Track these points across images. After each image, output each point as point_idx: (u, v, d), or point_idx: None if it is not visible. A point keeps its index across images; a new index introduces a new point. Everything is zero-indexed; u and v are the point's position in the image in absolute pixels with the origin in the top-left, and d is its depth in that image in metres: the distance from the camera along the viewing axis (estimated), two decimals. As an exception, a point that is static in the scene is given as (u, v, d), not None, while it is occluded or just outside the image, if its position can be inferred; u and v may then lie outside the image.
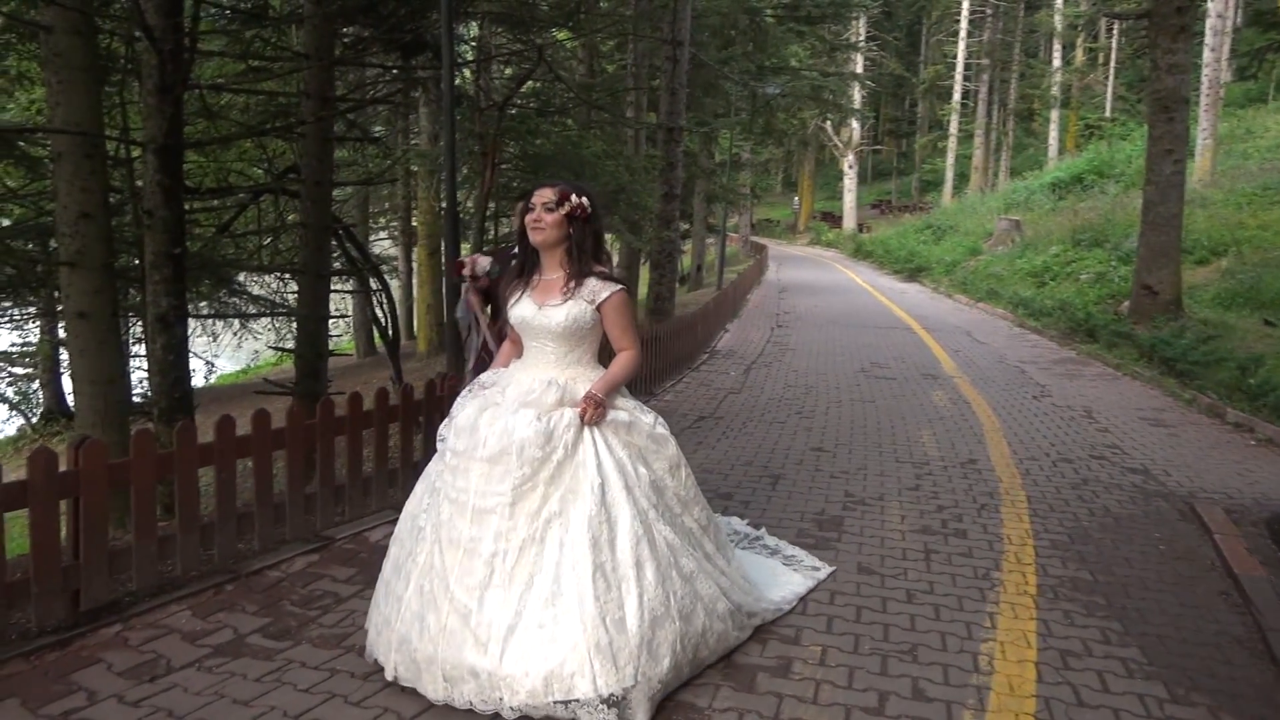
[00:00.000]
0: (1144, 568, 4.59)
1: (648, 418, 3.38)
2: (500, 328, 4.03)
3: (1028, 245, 21.96)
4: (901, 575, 4.37)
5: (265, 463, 4.32)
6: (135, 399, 10.02)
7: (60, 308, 12.63)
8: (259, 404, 5.40)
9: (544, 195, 3.26)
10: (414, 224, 18.87)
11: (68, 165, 6.34)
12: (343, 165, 15.98)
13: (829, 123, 41.43)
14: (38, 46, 10.08)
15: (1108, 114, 41.23)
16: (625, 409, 3.32)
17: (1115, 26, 40.53)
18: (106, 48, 8.52)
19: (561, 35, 14.10)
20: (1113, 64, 42.56)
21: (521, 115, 11.20)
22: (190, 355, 7.84)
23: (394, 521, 3.47)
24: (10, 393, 15.11)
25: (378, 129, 16.83)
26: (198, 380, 14.35)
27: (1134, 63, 41.32)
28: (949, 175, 44.73)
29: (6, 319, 13.44)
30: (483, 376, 3.47)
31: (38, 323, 14.27)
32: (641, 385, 8.89)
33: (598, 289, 3.26)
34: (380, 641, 3.20)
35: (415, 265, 18.96)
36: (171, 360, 6.74)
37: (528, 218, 3.27)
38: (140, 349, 11.79)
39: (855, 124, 42.33)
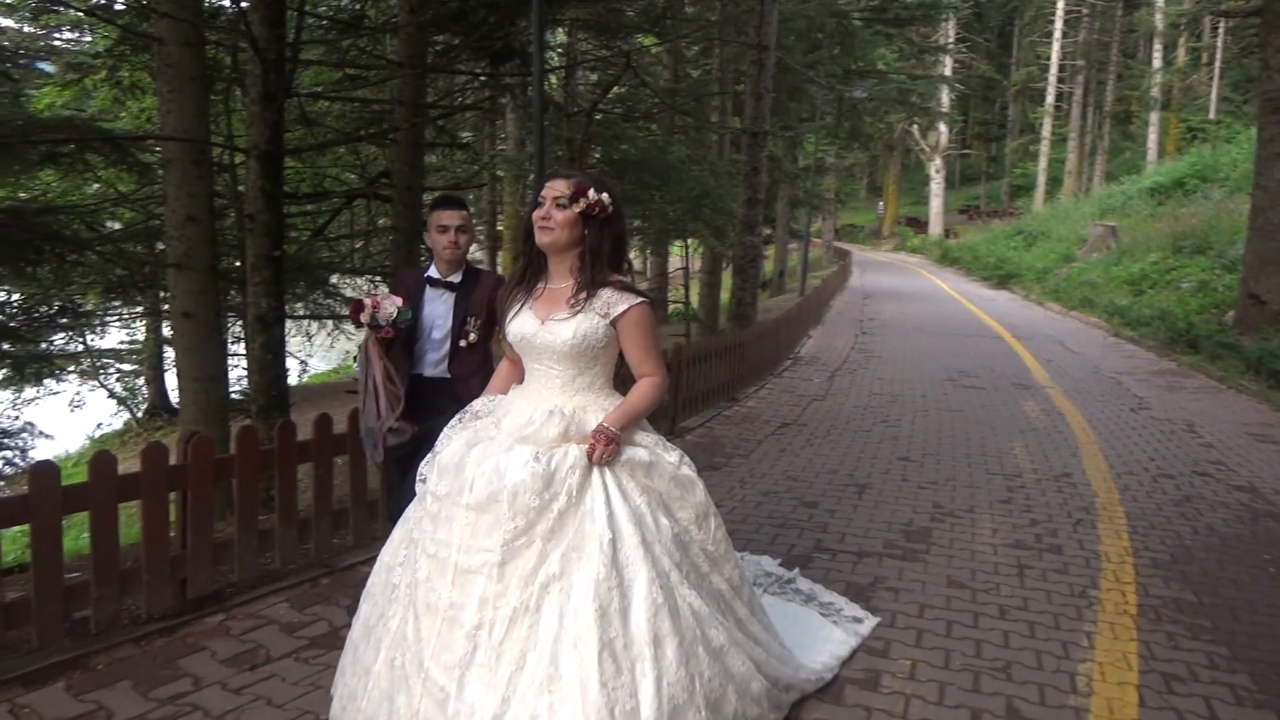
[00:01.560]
0: (1253, 590, 4.38)
1: (671, 456, 2.81)
2: (397, 380, 3.56)
3: (1124, 252, 21.23)
4: (993, 590, 4.26)
5: (361, 461, 4.43)
6: (234, 396, 10.39)
7: (166, 308, 13.20)
8: (351, 402, 5.55)
9: (556, 188, 2.69)
10: (499, 228, 19.14)
11: (176, 171, 6.62)
12: (431, 170, 16.32)
13: (916, 127, 40.72)
14: (149, 57, 10.58)
15: (1211, 116, 39.58)
16: (645, 446, 2.76)
17: (1221, 25, 38.89)
18: (212, 58, 8.86)
19: (647, 41, 14.16)
20: (1218, 64, 40.82)
21: (607, 120, 11.27)
22: (286, 354, 8.09)
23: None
24: (118, 388, 15.82)
25: (465, 135, 17.15)
26: (292, 379, 14.82)
27: (1241, 62, 39.55)
28: (1041, 180, 43.49)
29: (115, 318, 14.08)
30: (475, 404, 2.91)
31: (143, 322, 14.93)
32: (724, 392, 8.86)
33: (613, 301, 2.69)
34: (344, 718, 2.73)
35: (500, 269, 19.23)
36: (269, 359, 6.95)
37: (535, 214, 2.72)
38: (240, 348, 12.27)
39: (943, 128, 41.50)
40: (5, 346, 9.85)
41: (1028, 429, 8.09)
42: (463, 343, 3.69)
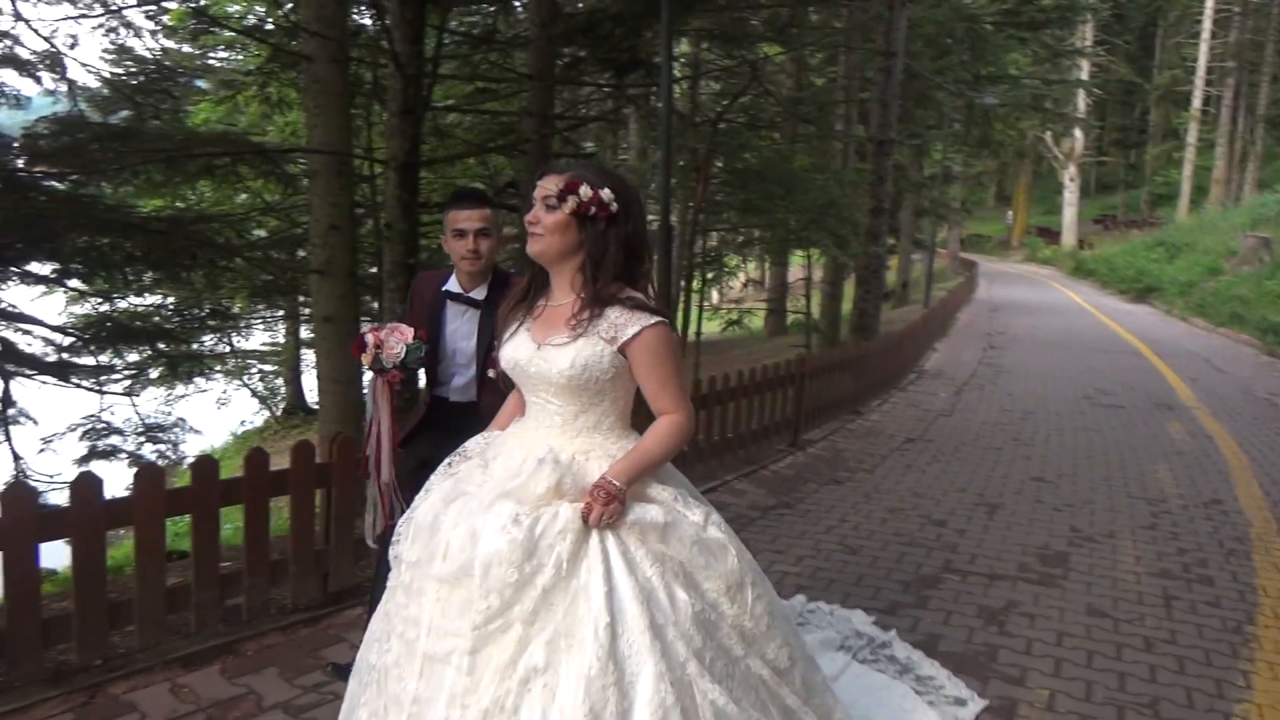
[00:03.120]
0: None
1: (695, 514, 2.22)
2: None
3: (1279, 265, 19.93)
4: (1138, 621, 4.05)
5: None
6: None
7: (307, 312, 13.84)
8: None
9: (545, 186, 2.20)
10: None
11: (321, 182, 6.92)
12: (556, 180, 16.63)
13: (1049, 133, 39.20)
14: (296, 74, 11.14)
15: (1380, 119, 36.76)
16: (660, 502, 2.20)
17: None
18: (353, 74, 9.27)
19: (770, 50, 14.09)
20: (1387, 63, 37.94)
21: (731, 130, 11.27)
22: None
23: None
24: (260, 387, 16.69)
25: (588, 145, 17.42)
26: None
27: None
28: (1185, 188, 41.18)
29: (259, 321, 14.85)
30: (469, 443, 2.39)
31: (284, 325, 15.72)
32: (846, 404, 8.72)
33: (622, 323, 2.15)
34: None
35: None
36: (404, 364, 7.23)
37: (526, 218, 2.25)
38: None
39: (1079, 134, 39.80)
40: (161, 346, 10.45)
41: (1172, 451, 7.68)
42: (492, 373, 2.93)
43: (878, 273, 14.13)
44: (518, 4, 11.47)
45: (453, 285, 3.07)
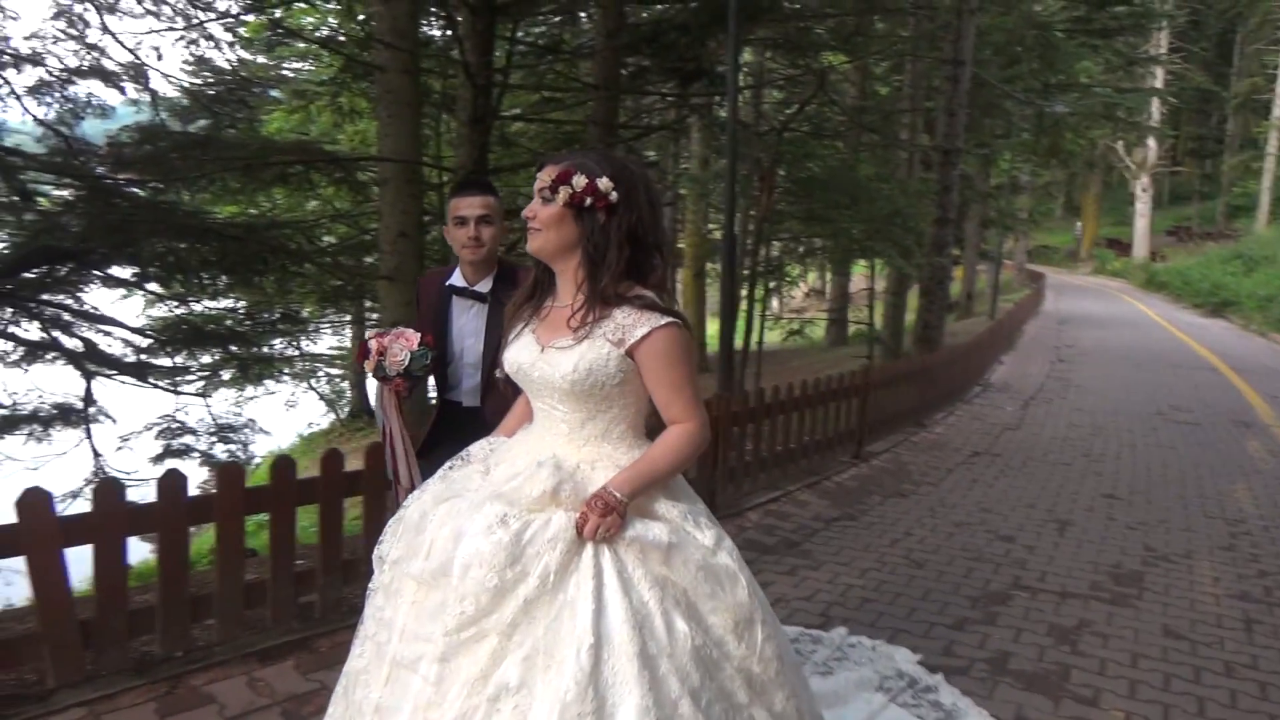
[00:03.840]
0: None
1: (705, 536, 2.02)
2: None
3: (1365, 279, 19.20)
4: (1217, 644, 3.93)
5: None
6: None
7: (375, 316, 14.09)
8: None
9: (541, 179, 2.03)
10: (680, 246, 19.36)
11: (391, 190, 7.07)
12: (618, 189, 16.72)
13: (1121, 142, 38.29)
14: (367, 85, 11.39)
15: None
16: (667, 519, 2.00)
17: None
18: (422, 84, 9.44)
19: (834, 59, 14.01)
20: None
21: (795, 139, 11.22)
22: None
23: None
24: (326, 390, 17.04)
25: (650, 154, 17.48)
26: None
27: None
28: (1264, 199, 39.84)
29: (327, 325, 15.16)
30: (473, 447, 2.24)
31: (350, 329, 16.02)
32: (911, 417, 8.61)
33: (629, 324, 1.96)
34: None
35: (680, 287, 19.45)
36: (468, 368, 7.33)
37: (524, 212, 2.08)
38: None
39: (1152, 143, 38.85)
40: (233, 349, 10.71)
41: (1252, 470, 7.44)
42: (499, 373, 2.73)
43: (942, 284, 13.93)
44: (582, 14, 11.59)
45: (457, 279, 2.93)
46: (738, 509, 5.62)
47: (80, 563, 2.98)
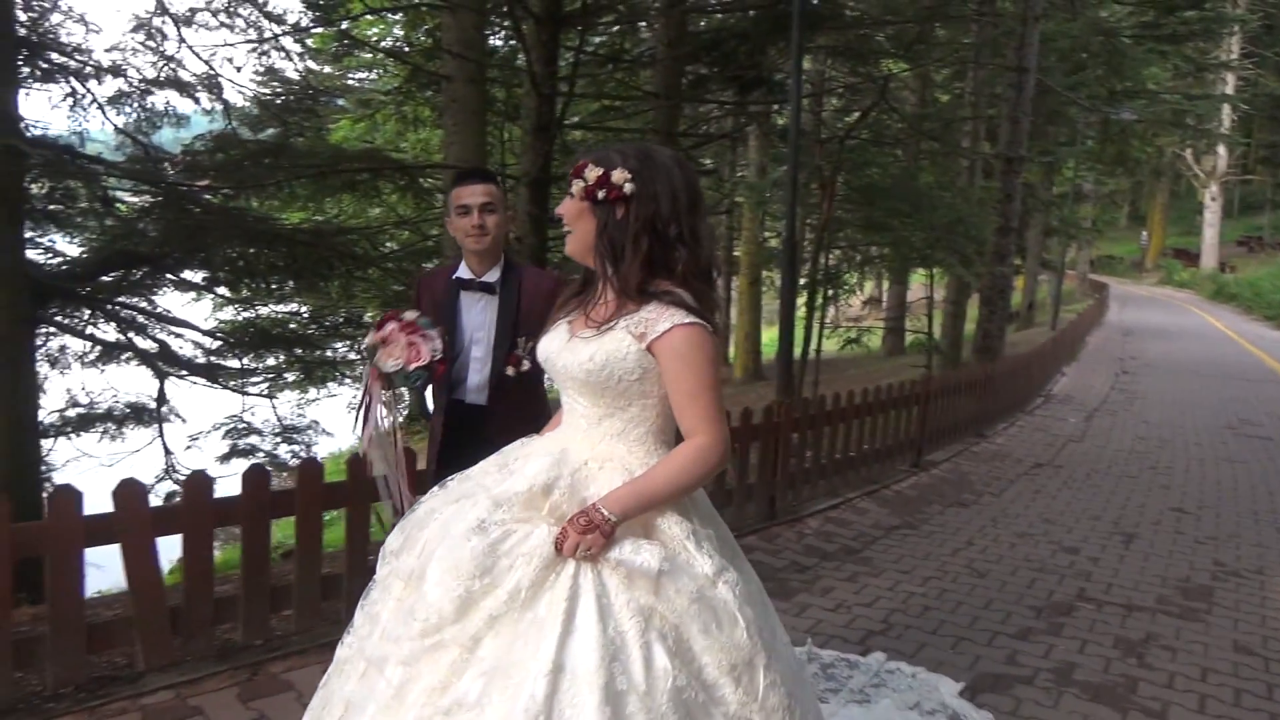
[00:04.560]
0: None
1: (705, 564, 1.83)
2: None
3: None
4: (1291, 661, 3.86)
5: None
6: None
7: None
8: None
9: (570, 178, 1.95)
10: (736, 254, 19.37)
11: (454, 197, 7.21)
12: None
13: (1189, 150, 37.38)
14: (431, 94, 11.61)
15: None
16: (665, 540, 1.84)
17: None
18: (487, 93, 9.61)
19: (895, 67, 13.93)
20: None
21: (854, 146, 11.19)
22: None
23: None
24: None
25: (707, 161, 17.53)
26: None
27: None
28: (1341, 209, 38.66)
29: (388, 329, 15.41)
30: (508, 448, 2.09)
31: (410, 334, 16.29)
32: (971, 427, 8.52)
33: (653, 318, 1.82)
34: None
35: (735, 294, 19.46)
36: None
37: (556, 211, 2.00)
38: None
39: (1222, 151, 37.82)
40: (298, 352, 10.96)
41: (1327, 487, 7.25)
42: (510, 371, 2.75)
43: (1004, 293, 13.76)
44: (642, 23, 11.69)
45: (464, 272, 2.81)
46: (797, 515, 5.63)
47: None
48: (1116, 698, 3.42)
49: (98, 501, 3.04)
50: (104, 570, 3.43)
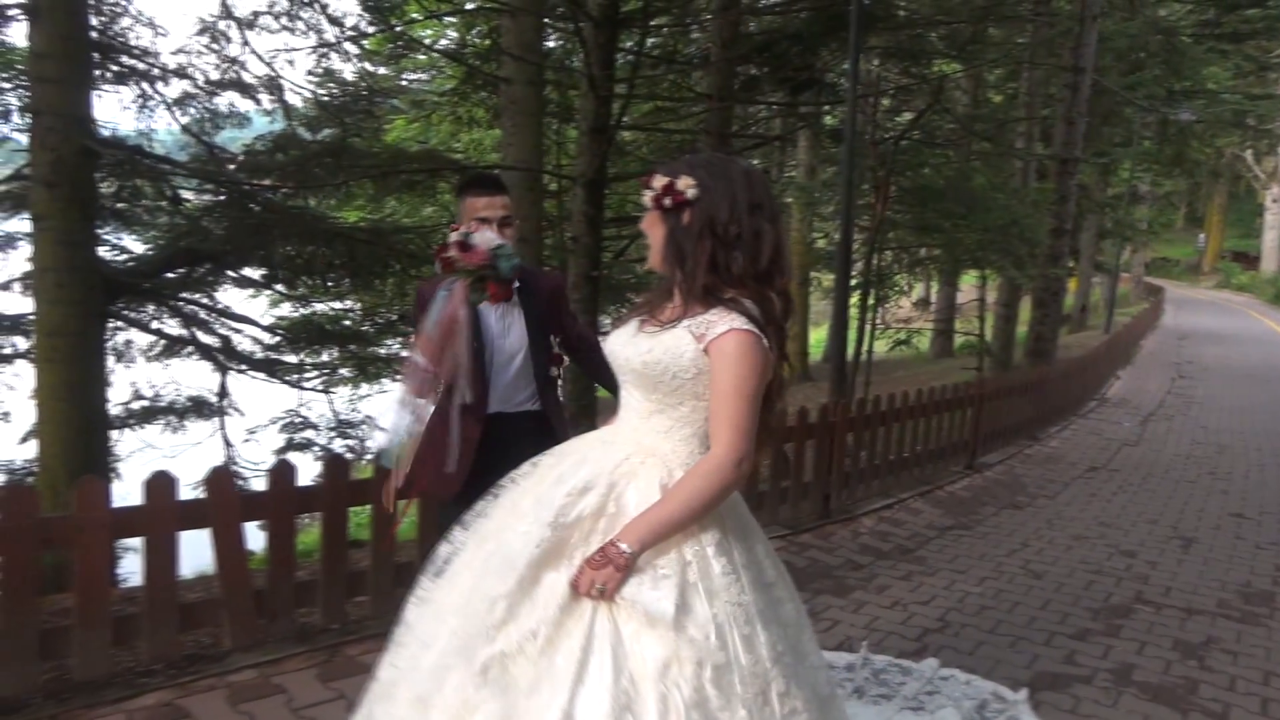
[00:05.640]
0: None
1: (721, 584, 1.83)
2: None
3: None
4: (1356, 667, 3.82)
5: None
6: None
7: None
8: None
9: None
10: (784, 254, 19.31)
11: (513, 197, 7.30)
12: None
13: (1250, 151, 36.53)
14: (486, 95, 11.77)
15: None
16: (679, 563, 1.82)
17: None
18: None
19: (949, 67, 13.84)
20: None
21: (907, 147, 11.15)
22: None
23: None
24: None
25: (754, 162, 17.52)
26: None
27: None
28: None
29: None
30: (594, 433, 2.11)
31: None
32: (1024, 430, 8.47)
33: (714, 320, 1.83)
34: None
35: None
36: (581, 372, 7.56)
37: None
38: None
39: (1284, 151, 36.92)
40: (352, 348, 11.18)
41: (1393, 495, 7.10)
42: (555, 371, 2.77)
43: (1057, 296, 13.62)
44: (693, 24, 11.75)
45: None
46: (851, 514, 5.67)
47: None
48: (1177, 699, 3.42)
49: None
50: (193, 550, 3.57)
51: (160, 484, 2.97)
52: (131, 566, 4.94)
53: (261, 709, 2.97)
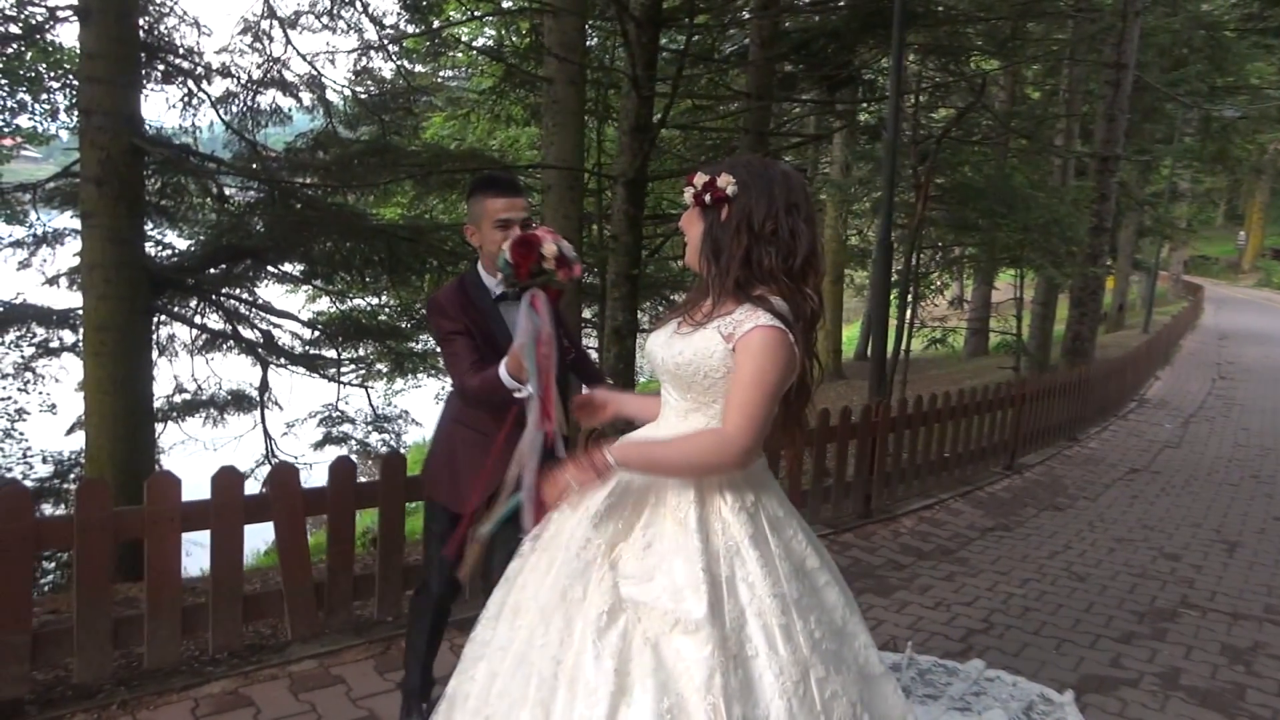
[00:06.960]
0: None
1: (757, 575, 1.86)
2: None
3: None
4: (1407, 675, 3.80)
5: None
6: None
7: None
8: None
9: None
10: (818, 251, 19.24)
11: (554, 196, 7.40)
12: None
13: (1293, 147, 35.84)
14: (525, 94, 11.84)
15: None
16: (726, 541, 1.88)
17: None
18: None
19: (988, 65, 13.72)
20: None
21: (947, 144, 11.08)
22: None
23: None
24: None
25: (788, 159, 17.47)
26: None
27: None
28: None
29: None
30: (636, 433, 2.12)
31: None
32: (1064, 430, 8.42)
33: (742, 319, 1.85)
34: None
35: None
36: (621, 368, 7.60)
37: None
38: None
39: (1328, 148, 36.21)
40: (389, 343, 11.31)
41: None
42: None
43: (1095, 295, 13.47)
44: (730, 24, 11.75)
45: (499, 287, 2.60)
46: (892, 514, 5.69)
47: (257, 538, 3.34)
48: (1225, 703, 3.43)
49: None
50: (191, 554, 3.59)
51: (228, 479, 3.06)
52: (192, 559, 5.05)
53: (322, 699, 3.05)
